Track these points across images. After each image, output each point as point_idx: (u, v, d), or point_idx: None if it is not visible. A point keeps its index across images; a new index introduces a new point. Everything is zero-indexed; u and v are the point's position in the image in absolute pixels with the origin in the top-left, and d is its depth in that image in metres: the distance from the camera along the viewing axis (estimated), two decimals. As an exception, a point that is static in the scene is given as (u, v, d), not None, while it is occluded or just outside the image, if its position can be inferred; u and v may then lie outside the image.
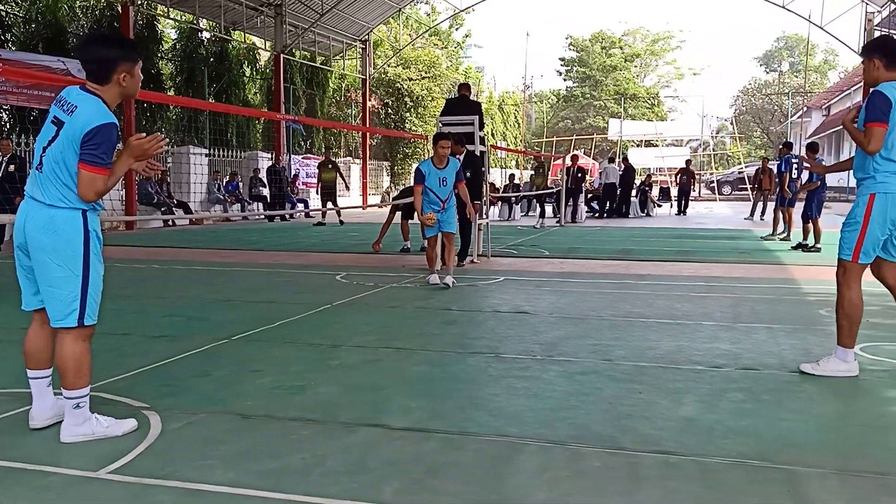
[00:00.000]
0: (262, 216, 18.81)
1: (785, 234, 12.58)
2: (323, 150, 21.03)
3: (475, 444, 2.98)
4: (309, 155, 24.42)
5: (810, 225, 10.99)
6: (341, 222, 16.58)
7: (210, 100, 20.97)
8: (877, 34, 22.32)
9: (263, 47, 24.52)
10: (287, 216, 18.79)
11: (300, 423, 3.21)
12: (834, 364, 3.96)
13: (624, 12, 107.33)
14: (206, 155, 19.14)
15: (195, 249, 11.27)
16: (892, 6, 20.36)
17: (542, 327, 5.27)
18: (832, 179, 35.43)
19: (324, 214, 17.05)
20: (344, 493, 2.50)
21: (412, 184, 7.94)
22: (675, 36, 56.92)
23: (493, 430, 3.13)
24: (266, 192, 19.29)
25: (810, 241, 10.97)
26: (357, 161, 26.94)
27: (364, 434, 3.08)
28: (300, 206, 19.70)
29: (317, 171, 18.25)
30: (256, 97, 24.99)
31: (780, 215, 12.75)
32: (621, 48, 54.62)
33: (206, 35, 22.75)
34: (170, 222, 16.38)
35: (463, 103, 9.46)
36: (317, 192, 18.47)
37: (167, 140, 3.13)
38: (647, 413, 3.36)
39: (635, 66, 56.05)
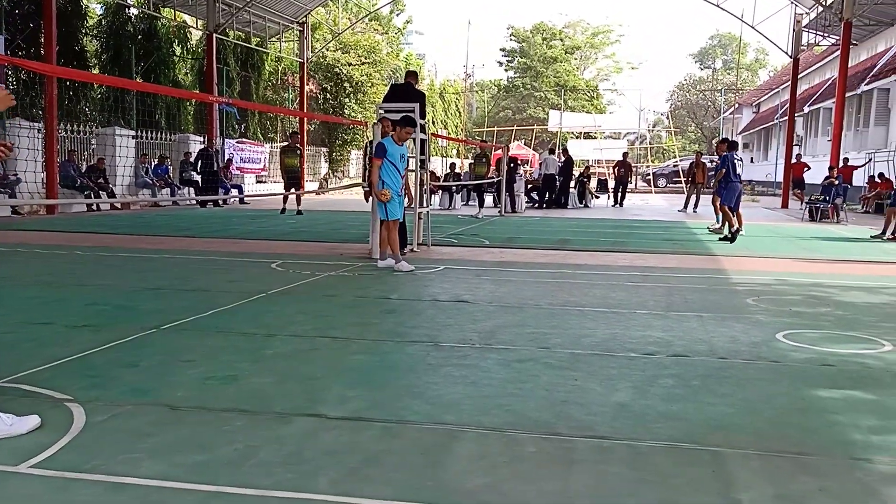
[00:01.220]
0: (194, 201, 18.26)
1: (719, 226, 13.01)
2: (289, 134, 20.11)
3: (413, 432, 2.97)
4: (244, 139, 23.86)
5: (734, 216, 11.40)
6: (299, 212, 15.46)
7: (137, 79, 20.17)
8: (805, 35, 23.37)
9: (195, 26, 23.73)
10: (220, 202, 18.29)
11: (233, 413, 3.14)
12: None
13: (564, 4, 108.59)
14: (134, 137, 18.43)
15: (121, 235, 10.86)
16: (820, 8, 21.23)
17: (481, 316, 5.30)
18: (760, 174, 36.86)
19: (287, 199, 15.85)
20: (278, 484, 2.45)
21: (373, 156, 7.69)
22: (614, 30, 58.16)
23: (430, 418, 3.13)
24: (198, 176, 18.70)
25: (726, 230, 11.38)
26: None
27: (299, 424, 3.03)
28: (234, 192, 19.19)
29: (279, 155, 16.73)
30: (187, 78, 24.21)
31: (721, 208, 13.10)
32: (562, 40, 55.30)
33: (133, 11, 21.85)
34: (94, 206, 15.71)
35: (408, 91, 9.42)
36: (283, 178, 17.40)
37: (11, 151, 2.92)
38: (582, 399, 3.41)
39: (575, 59, 56.91)
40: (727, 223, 11.47)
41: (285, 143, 17.78)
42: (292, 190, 15.51)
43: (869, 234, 12.76)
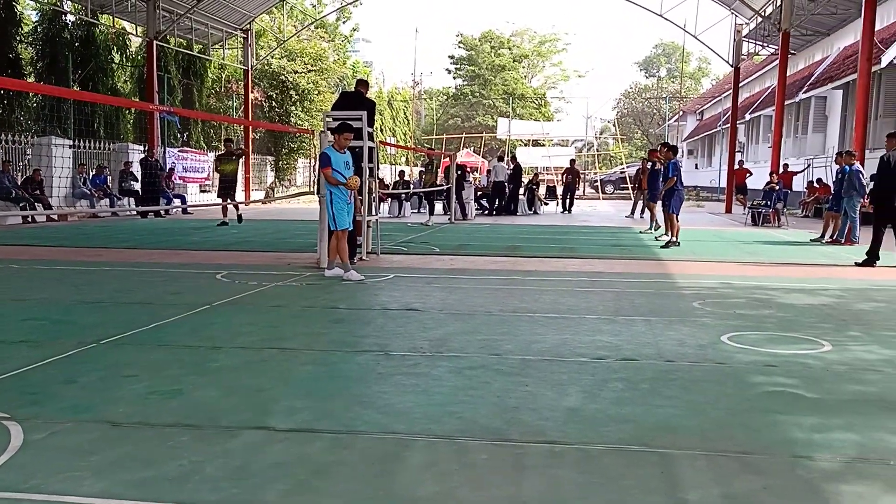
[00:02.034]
0: (134, 212, 17.77)
1: (655, 232, 13.35)
2: (222, 141, 19.64)
3: (363, 442, 2.93)
4: (186, 148, 23.36)
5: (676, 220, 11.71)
6: (240, 218, 14.62)
7: (75, 87, 19.55)
8: (745, 45, 24.14)
9: (135, 33, 23.17)
10: (162, 212, 17.82)
11: (177, 429, 3.05)
12: None
13: (512, 13, 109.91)
14: (71, 146, 17.83)
15: (58, 248, 10.49)
16: (759, 19, 21.98)
17: (432, 324, 5.28)
18: (704, 180, 37.90)
19: (225, 211, 14.81)
20: (225, 499, 2.39)
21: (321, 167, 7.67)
22: (560, 38, 59.08)
23: (381, 427, 3.10)
24: (138, 186, 18.16)
25: (663, 235, 11.69)
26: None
27: (247, 437, 2.96)
28: (176, 202, 18.73)
29: (214, 163, 16.00)
30: (127, 86, 23.60)
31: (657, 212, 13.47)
32: (510, 48, 55.88)
33: (70, 18, 21.20)
34: (29, 218, 15.13)
35: (358, 98, 9.37)
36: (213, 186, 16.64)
37: None
38: (533, 405, 3.43)
39: (523, 67, 57.54)
40: (671, 230, 11.71)
41: (221, 151, 16.96)
42: (228, 200, 14.89)
43: (808, 237, 13.22)
